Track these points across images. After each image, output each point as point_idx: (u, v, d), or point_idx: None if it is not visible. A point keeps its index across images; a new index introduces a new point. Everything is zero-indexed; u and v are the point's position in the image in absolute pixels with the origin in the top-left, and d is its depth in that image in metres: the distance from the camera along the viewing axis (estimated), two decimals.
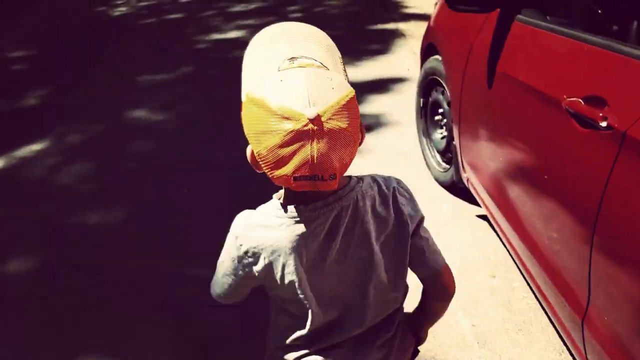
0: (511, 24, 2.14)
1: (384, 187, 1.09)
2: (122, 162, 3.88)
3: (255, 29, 2.77)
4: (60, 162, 3.98)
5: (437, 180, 3.11)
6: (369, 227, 1.06)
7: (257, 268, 1.06)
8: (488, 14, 2.31)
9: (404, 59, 5.12)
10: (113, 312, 2.51)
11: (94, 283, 2.71)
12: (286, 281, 1.05)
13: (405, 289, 1.18)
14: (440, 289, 1.22)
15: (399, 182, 1.14)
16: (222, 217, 1.27)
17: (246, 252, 1.07)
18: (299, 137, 0.87)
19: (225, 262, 1.12)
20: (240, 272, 1.09)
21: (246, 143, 0.97)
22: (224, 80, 5.11)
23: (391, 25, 6.12)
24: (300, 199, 1.02)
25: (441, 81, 2.93)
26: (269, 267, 1.05)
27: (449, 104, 2.88)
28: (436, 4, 3.27)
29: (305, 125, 0.86)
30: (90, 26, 7.73)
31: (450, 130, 2.90)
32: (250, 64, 1.04)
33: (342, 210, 1.03)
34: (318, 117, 0.87)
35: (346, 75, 1.04)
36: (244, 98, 0.96)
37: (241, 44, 5.89)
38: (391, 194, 1.09)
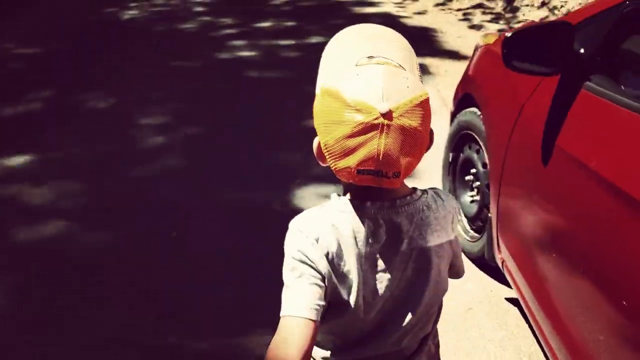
0: (578, 91, 1.78)
1: (446, 204, 1.07)
2: (119, 185, 3.55)
3: (270, 50, 2.40)
4: (48, 179, 3.65)
5: (462, 249, 2.74)
6: (431, 241, 1.03)
7: (331, 261, 0.97)
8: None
9: (435, 93, 4.79)
10: None
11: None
12: (338, 279, 0.97)
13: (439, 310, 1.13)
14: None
15: (456, 202, 1.14)
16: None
17: (316, 253, 0.96)
18: (368, 129, 0.87)
19: (295, 277, 0.97)
20: (313, 275, 0.96)
21: (255, 177, 1.08)
22: (231, 101, 4.79)
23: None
24: (362, 197, 0.98)
25: (477, 138, 2.56)
26: (335, 258, 0.97)
27: (484, 166, 2.52)
28: (476, 49, 2.91)
29: (376, 119, 0.86)
30: (98, 30, 7.41)
31: (483, 196, 2.53)
32: (329, 59, 1.05)
33: (407, 217, 1.00)
34: (390, 112, 0.86)
35: (421, 79, 1.04)
36: (318, 90, 0.98)
37: (253, 64, 5.68)
38: (452, 213, 1.08)
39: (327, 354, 1.09)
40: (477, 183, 2.62)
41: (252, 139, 4.12)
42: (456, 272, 1.17)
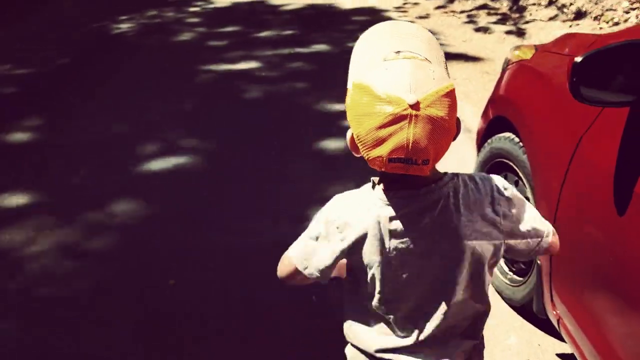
0: None
1: (481, 188, 1.08)
2: (105, 223, 3.19)
3: (270, 61, 3.82)
4: (32, 214, 3.29)
5: (500, 293, 2.40)
6: (460, 225, 1.04)
7: (344, 245, 1.07)
8: None
9: None
10: None
11: None
12: (365, 261, 1.07)
13: (488, 302, 1.14)
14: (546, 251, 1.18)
15: (499, 180, 1.11)
16: None
17: (337, 225, 1.08)
18: (398, 120, 0.91)
19: (311, 236, 1.13)
20: (332, 245, 1.09)
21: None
22: (231, 122, 4.46)
23: None
24: (394, 185, 1.05)
25: (515, 169, 2.23)
26: (355, 245, 1.06)
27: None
28: (506, 63, 2.57)
29: (404, 110, 0.91)
30: (88, 44, 7.10)
31: None
32: (358, 56, 1.08)
33: (433, 203, 1.03)
34: (417, 103, 0.91)
35: (447, 72, 1.05)
36: (350, 85, 1.03)
37: (251, 78, 5.31)
38: (488, 196, 1.07)
39: (353, 338, 1.18)
40: None
41: (256, 167, 3.78)
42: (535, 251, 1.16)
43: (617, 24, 6.31)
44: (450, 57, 5.78)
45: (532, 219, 1.12)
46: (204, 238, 3.00)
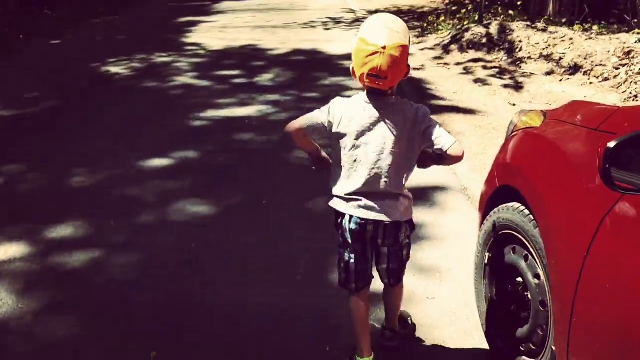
0: None
1: (412, 104, 2.04)
2: (89, 277, 3.00)
3: (259, 108, 4.70)
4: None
5: None
6: (400, 119, 1.99)
7: (332, 116, 2.03)
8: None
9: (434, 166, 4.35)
10: None
11: None
12: (344, 132, 2.01)
13: (409, 172, 2.10)
14: (447, 159, 2.07)
15: (424, 109, 2.04)
16: None
17: (330, 109, 2.05)
18: (374, 54, 1.84)
19: (315, 112, 2.08)
20: (322, 116, 2.05)
21: None
22: (219, 172, 4.33)
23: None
24: (371, 95, 2.01)
25: (525, 242, 2.12)
26: (340, 119, 2.01)
27: (536, 276, 2.07)
28: (512, 128, 2.49)
29: (378, 49, 1.84)
30: (76, 87, 7.01)
31: (536, 314, 2.07)
32: (363, 27, 1.97)
33: (389, 105, 2.00)
34: (385, 47, 1.84)
35: (409, 40, 1.96)
36: (356, 38, 1.93)
37: (241, 125, 5.18)
38: (416, 108, 2.03)
39: (334, 190, 2.11)
40: (526, 294, 2.16)
41: (244, 221, 3.64)
42: (437, 156, 2.11)
43: (606, 79, 6.35)
44: (443, 109, 5.75)
45: (441, 133, 1.99)
46: (186, 295, 2.84)
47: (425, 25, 10.21)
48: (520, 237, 2.14)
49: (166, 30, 11.18)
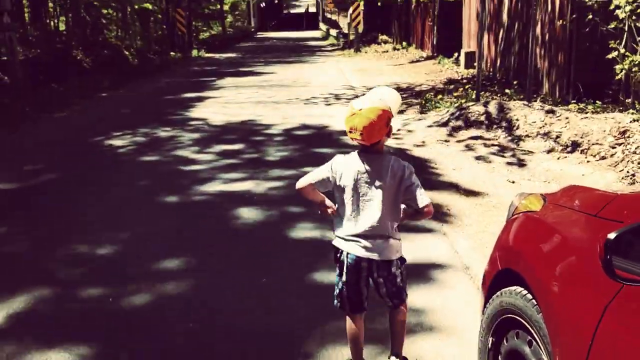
0: None
1: (400, 162, 2.46)
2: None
3: (261, 183, 5.17)
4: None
5: None
6: (387, 175, 2.41)
7: (333, 172, 2.47)
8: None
9: (436, 245, 4.33)
10: None
11: None
12: (343, 184, 2.45)
13: (397, 218, 2.51)
14: (419, 215, 2.51)
15: (410, 168, 2.46)
16: None
17: (332, 166, 2.50)
18: (352, 115, 2.33)
19: (320, 169, 2.53)
20: (326, 171, 2.50)
21: None
22: (219, 248, 4.30)
23: None
24: (362, 152, 2.45)
25: (528, 327, 2.08)
26: (340, 174, 2.45)
27: None
28: (513, 210, 2.50)
29: (354, 111, 2.33)
30: (80, 159, 7.10)
31: None
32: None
33: (380, 162, 2.43)
34: (360, 110, 2.31)
35: (393, 109, 2.42)
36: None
37: (243, 200, 5.18)
38: (403, 166, 2.44)
39: (337, 231, 2.54)
40: None
41: (244, 295, 3.59)
42: (413, 212, 2.49)
43: (603, 158, 6.44)
44: (442, 186, 5.80)
45: (420, 192, 2.41)
46: None
47: (424, 102, 10.45)
48: (523, 321, 2.11)
49: (170, 105, 11.45)
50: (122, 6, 23.94)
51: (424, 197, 2.39)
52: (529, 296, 2.07)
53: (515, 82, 10.70)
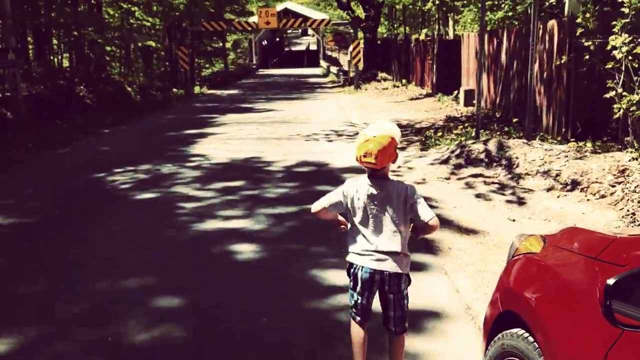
0: None
1: (403, 183, 2.77)
2: None
3: (262, 220, 5.11)
4: None
5: None
6: (394, 198, 2.70)
7: (345, 195, 2.76)
8: None
9: (437, 283, 4.31)
10: None
11: None
12: (355, 206, 2.74)
13: (406, 235, 2.77)
14: (427, 229, 2.73)
15: (412, 188, 2.75)
16: None
17: (343, 190, 2.77)
18: (366, 142, 2.63)
19: (332, 193, 2.80)
20: (339, 195, 2.77)
21: None
22: (219, 285, 4.24)
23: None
24: (371, 177, 2.73)
25: None
26: (352, 197, 2.73)
27: None
28: (513, 252, 2.51)
29: (368, 138, 2.65)
30: (81, 196, 7.11)
31: None
32: (367, 126, 2.76)
33: (387, 185, 2.72)
34: (374, 136, 2.64)
35: (398, 140, 2.73)
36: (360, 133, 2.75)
37: (244, 237, 5.17)
38: (406, 187, 2.75)
39: (350, 248, 2.81)
40: None
41: (243, 335, 3.56)
42: (422, 226, 2.74)
43: (603, 196, 6.45)
44: (443, 223, 5.76)
45: (424, 208, 2.68)
46: None
47: (424, 139, 10.53)
48: None
49: (172, 141, 11.54)
50: (125, 44, 24.32)
51: (428, 212, 2.67)
52: (531, 339, 2.06)
53: (515, 120, 10.79)
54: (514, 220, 5.97)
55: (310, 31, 63.82)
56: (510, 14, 14.13)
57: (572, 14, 9.04)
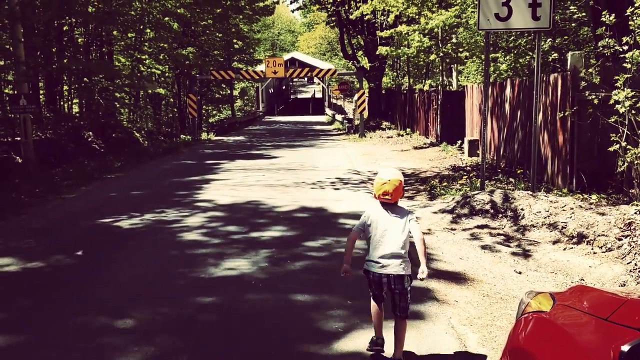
0: None
1: (406, 209, 3.95)
2: None
3: (262, 266, 5.46)
4: None
5: None
6: (400, 220, 3.81)
7: (367, 218, 3.87)
8: None
9: (444, 337, 4.26)
10: None
11: None
12: (374, 225, 3.83)
13: (406, 246, 3.82)
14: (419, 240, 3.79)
15: (412, 212, 4.00)
16: None
17: (365, 214, 3.92)
18: (383, 184, 3.81)
19: (361, 219, 3.92)
20: (364, 217, 3.89)
21: None
22: (220, 338, 4.17)
23: (420, 286, 5.35)
24: (383, 204, 3.88)
25: None
26: (370, 219, 3.85)
27: None
28: (522, 310, 2.50)
29: (385, 181, 3.82)
30: (86, 242, 7.12)
31: None
32: (379, 172, 3.99)
33: (395, 211, 3.85)
34: (389, 180, 3.82)
35: (402, 180, 3.92)
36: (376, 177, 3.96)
37: (245, 285, 5.17)
38: (408, 212, 3.90)
39: (368, 256, 3.87)
40: None
41: None
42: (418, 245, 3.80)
43: (610, 249, 6.42)
44: (448, 276, 5.77)
45: (417, 230, 3.80)
46: None
47: (429, 189, 10.57)
48: None
49: (178, 187, 11.61)
50: (135, 91, 24.76)
51: (418, 229, 3.83)
52: None
53: (519, 171, 10.85)
54: (520, 273, 5.94)
55: (316, 80, 64.90)
56: (514, 65, 14.38)
57: (574, 68, 9.20)
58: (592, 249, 6.55)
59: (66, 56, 18.74)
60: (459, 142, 17.60)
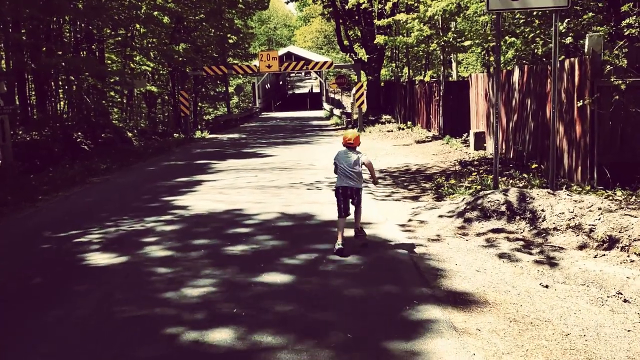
0: None
1: (361, 153, 6.40)
2: None
3: (262, 289, 5.00)
4: None
5: None
6: (355, 154, 6.33)
7: (335, 158, 6.45)
8: None
9: None
10: None
11: None
12: (338, 161, 6.38)
13: (360, 172, 6.34)
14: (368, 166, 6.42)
15: (364, 153, 6.47)
16: None
17: (335, 156, 6.47)
18: (347, 136, 6.48)
19: (333, 160, 6.55)
20: (334, 159, 6.47)
21: None
22: None
23: (434, 312, 4.48)
24: (346, 146, 6.41)
25: None
26: (337, 158, 6.43)
27: None
28: None
29: (349, 136, 6.46)
30: (43, 262, 6.26)
31: None
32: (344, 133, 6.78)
33: (352, 151, 6.36)
34: (351, 133, 6.49)
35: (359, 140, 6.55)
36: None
37: (230, 318, 4.11)
38: (359, 153, 6.37)
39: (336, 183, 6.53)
40: None
41: None
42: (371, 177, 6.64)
43: None
44: (466, 298, 4.90)
45: (364, 159, 6.44)
46: None
47: (436, 187, 9.71)
48: None
49: (162, 191, 10.75)
50: (126, 89, 23.87)
51: (366, 159, 6.29)
52: None
53: (533, 166, 9.96)
54: (547, 287, 5.09)
55: (313, 74, 63.98)
56: (521, 53, 13.47)
57: (593, 51, 8.32)
58: (627, 256, 5.68)
59: (55, 54, 17.80)
60: (464, 135, 16.74)
